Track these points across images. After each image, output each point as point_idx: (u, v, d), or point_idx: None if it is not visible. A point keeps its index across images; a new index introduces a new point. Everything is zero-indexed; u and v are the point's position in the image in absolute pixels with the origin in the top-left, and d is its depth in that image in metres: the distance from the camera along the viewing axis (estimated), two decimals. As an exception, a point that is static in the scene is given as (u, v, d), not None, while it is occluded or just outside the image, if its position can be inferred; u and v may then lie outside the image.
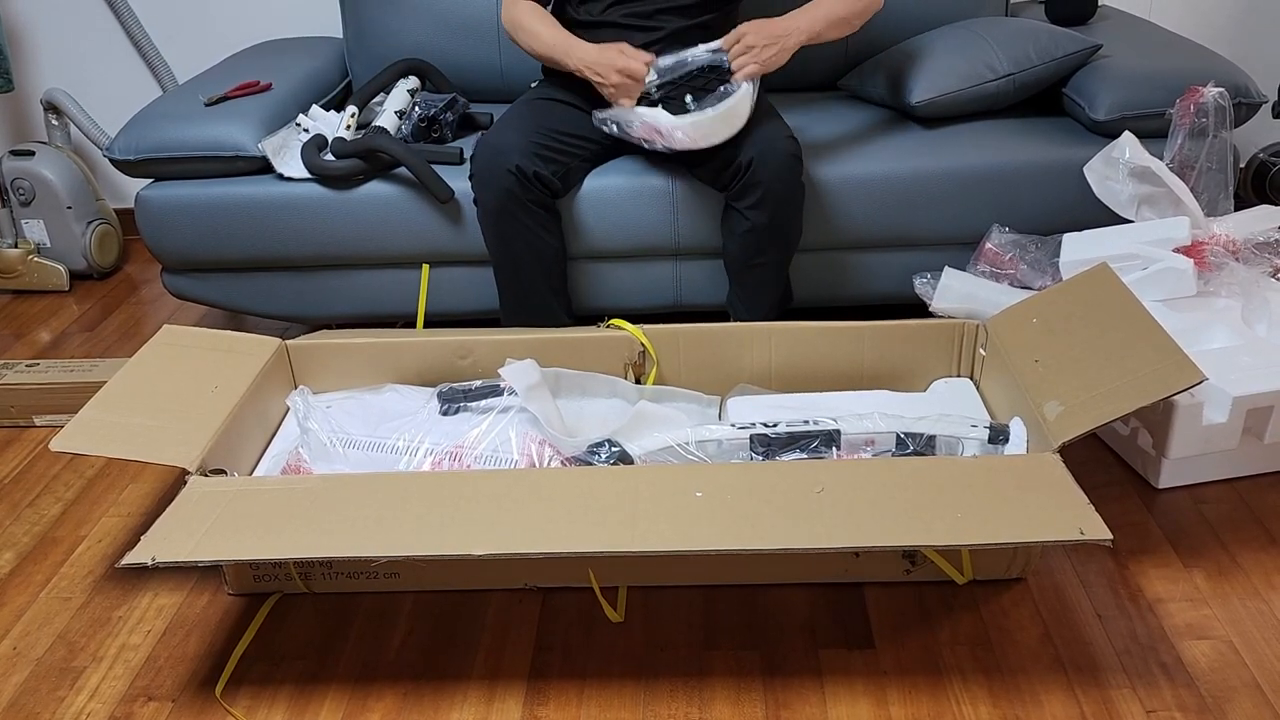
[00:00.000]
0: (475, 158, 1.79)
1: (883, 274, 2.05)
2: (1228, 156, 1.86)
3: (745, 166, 1.73)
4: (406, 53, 2.29)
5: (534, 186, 1.75)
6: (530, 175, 1.74)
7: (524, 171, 1.73)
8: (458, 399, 1.65)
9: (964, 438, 1.51)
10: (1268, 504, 1.63)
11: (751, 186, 1.74)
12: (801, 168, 1.77)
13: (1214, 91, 1.84)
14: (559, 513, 1.29)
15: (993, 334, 1.67)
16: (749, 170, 1.73)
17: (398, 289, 2.05)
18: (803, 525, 1.25)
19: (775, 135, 1.75)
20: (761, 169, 1.72)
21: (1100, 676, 1.33)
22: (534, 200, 1.76)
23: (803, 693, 1.32)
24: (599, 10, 1.88)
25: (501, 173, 1.73)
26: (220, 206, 1.96)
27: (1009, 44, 2.04)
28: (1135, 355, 1.42)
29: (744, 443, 1.52)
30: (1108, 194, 1.86)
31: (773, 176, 1.73)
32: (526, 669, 1.38)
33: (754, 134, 1.75)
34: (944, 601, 1.46)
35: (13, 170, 2.51)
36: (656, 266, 2.02)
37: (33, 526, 1.70)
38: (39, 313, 2.48)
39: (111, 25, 2.61)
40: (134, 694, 1.36)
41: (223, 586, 1.54)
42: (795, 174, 1.75)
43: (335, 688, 1.36)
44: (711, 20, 1.92)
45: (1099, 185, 1.86)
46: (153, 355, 1.62)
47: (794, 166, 1.74)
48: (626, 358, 1.75)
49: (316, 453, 1.55)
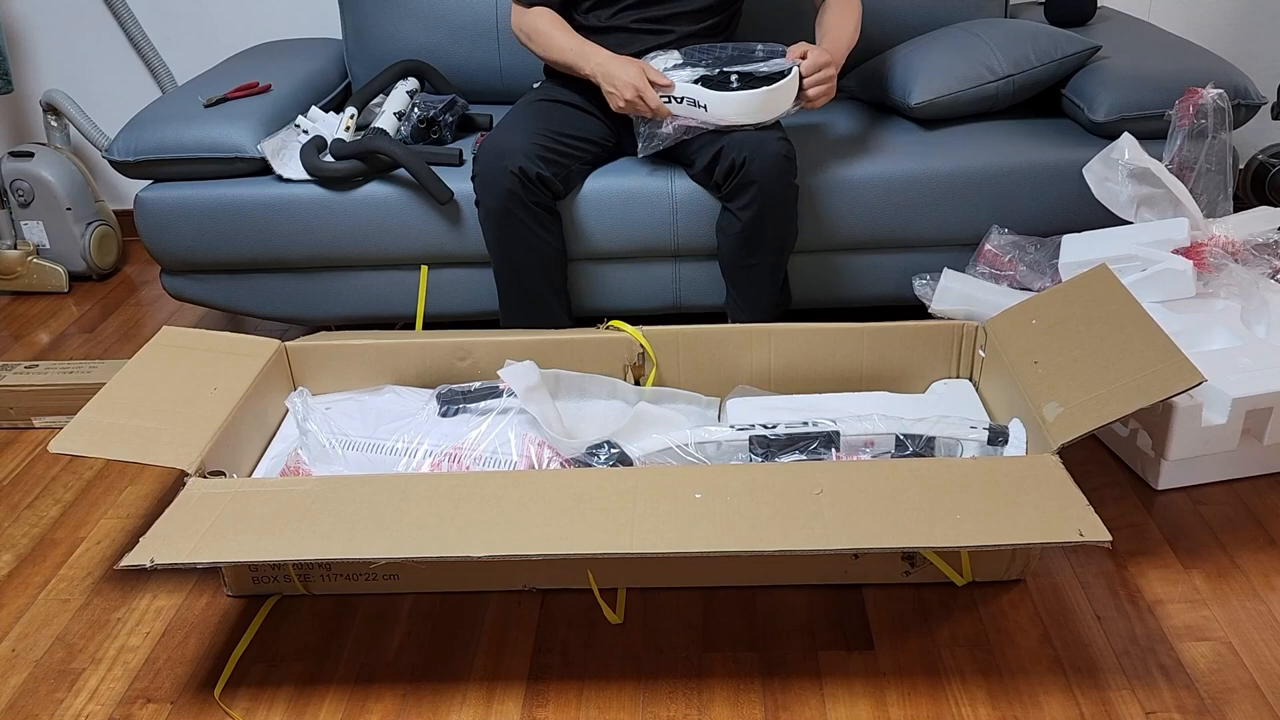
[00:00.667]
0: (478, 159, 1.79)
1: (882, 275, 2.05)
2: (1227, 158, 1.86)
3: (737, 166, 1.74)
4: (406, 54, 2.29)
5: (536, 188, 1.75)
6: (533, 177, 1.74)
7: (526, 173, 1.73)
8: (457, 400, 1.65)
9: (963, 439, 1.51)
10: (1267, 505, 1.63)
11: (744, 187, 1.75)
12: (794, 168, 1.77)
13: (1213, 93, 1.84)
14: (558, 514, 1.29)
15: (992, 335, 1.67)
16: (741, 170, 1.74)
17: (397, 290, 2.05)
18: (802, 527, 1.25)
19: (768, 136, 1.75)
20: (753, 169, 1.73)
21: (1099, 678, 1.33)
22: (536, 202, 1.76)
23: (802, 694, 1.32)
24: (608, 15, 1.89)
25: (504, 174, 1.73)
26: (219, 208, 1.96)
27: (1008, 45, 2.05)
28: (1134, 357, 1.42)
29: (743, 444, 1.52)
30: (1107, 195, 1.86)
31: (764, 176, 1.73)
32: (526, 670, 1.38)
33: (747, 134, 1.75)
34: (943, 603, 1.46)
35: (12, 171, 2.51)
36: (656, 268, 2.02)
37: (32, 528, 1.70)
38: (38, 314, 2.48)
39: (111, 26, 2.61)
40: (133, 695, 1.36)
41: (222, 588, 1.54)
42: (787, 174, 1.75)
43: (334, 689, 1.36)
44: (718, 23, 1.93)
45: (1098, 187, 1.86)
46: (152, 357, 1.62)
47: (786, 167, 1.75)
48: (626, 359, 1.75)
49: (316, 454, 1.55)
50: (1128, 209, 1.84)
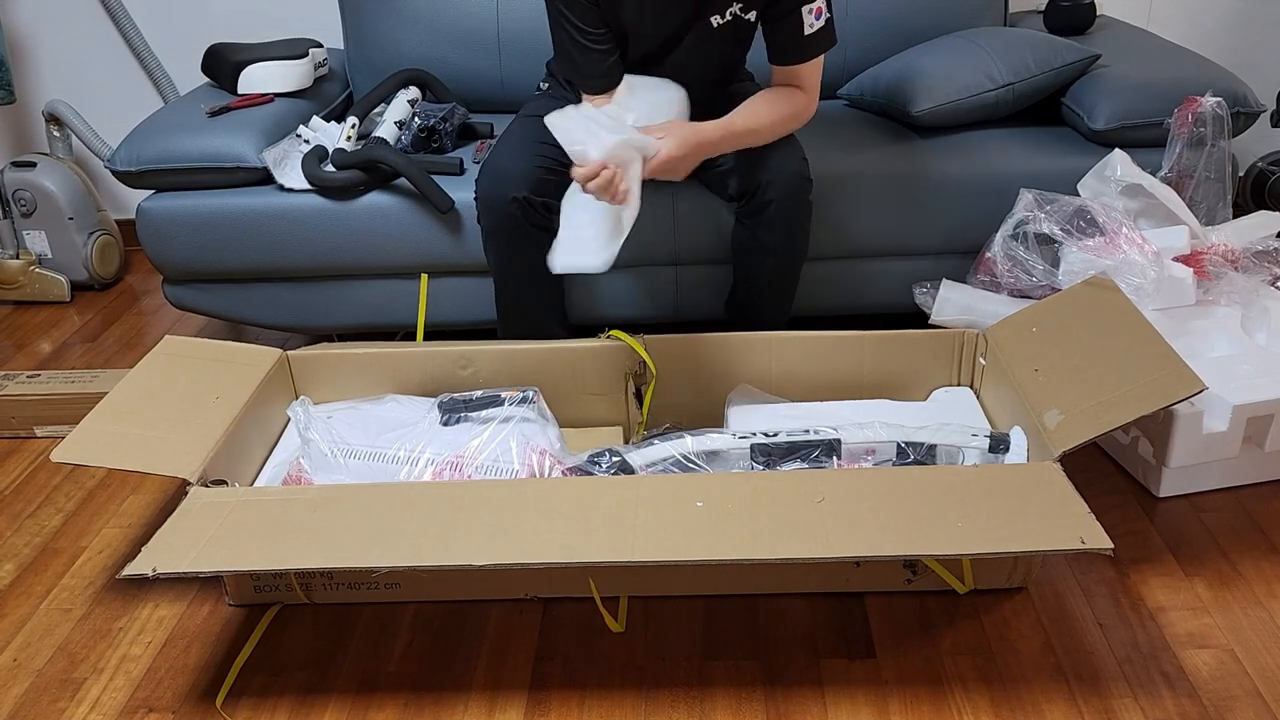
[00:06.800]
0: (480, 181, 1.79)
1: (882, 283, 2.05)
2: (1226, 166, 1.87)
3: (759, 186, 1.74)
4: (407, 63, 2.30)
5: (538, 213, 1.75)
6: (536, 205, 1.74)
7: (530, 202, 1.73)
8: (458, 409, 1.65)
9: (964, 447, 1.51)
10: (1269, 512, 1.63)
11: (763, 205, 1.75)
12: (810, 186, 1.77)
13: (1211, 101, 1.84)
14: (559, 523, 1.29)
15: (992, 343, 1.67)
16: (761, 189, 1.74)
17: (398, 299, 2.05)
18: (803, 535, 1.25)
19: (791, 156, 1.74)
20: (774, 189, 1.73)
21: (1102, 686, 1.32)
22: (536, 224, 1.76)
23: (804, 703, 1.32)
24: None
25: (506, 200, 1.74)
26: (221, 217, 1.97)
27: (1008, 54, 2.05)
28: (1135, 364, 1.42)
29: (744, 452, 1.52)
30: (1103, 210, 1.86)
31: (784, 196, 1.73)
32: (527, 679, 1.38)
33: (768, 152, 1.75)
34: (945, 611, 1.46)
35: (14, 181, 2.51)
36: (656, 276, 2.02)
37: (33, 538, 1.70)
38: (40, 324, 2.48)
39: (113, 36, 2.62)
40: (135, 705, 1.36)
41: (223, 597, 1.54)
42: (805, 195, 1.76)
43: (336, 699, 1.36)
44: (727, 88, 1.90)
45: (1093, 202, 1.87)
46: (154, 366, 1.63)
47: (804, 187, 1.75)
48: (627, 368, 1.75)
49: (317, 463, 1.55)
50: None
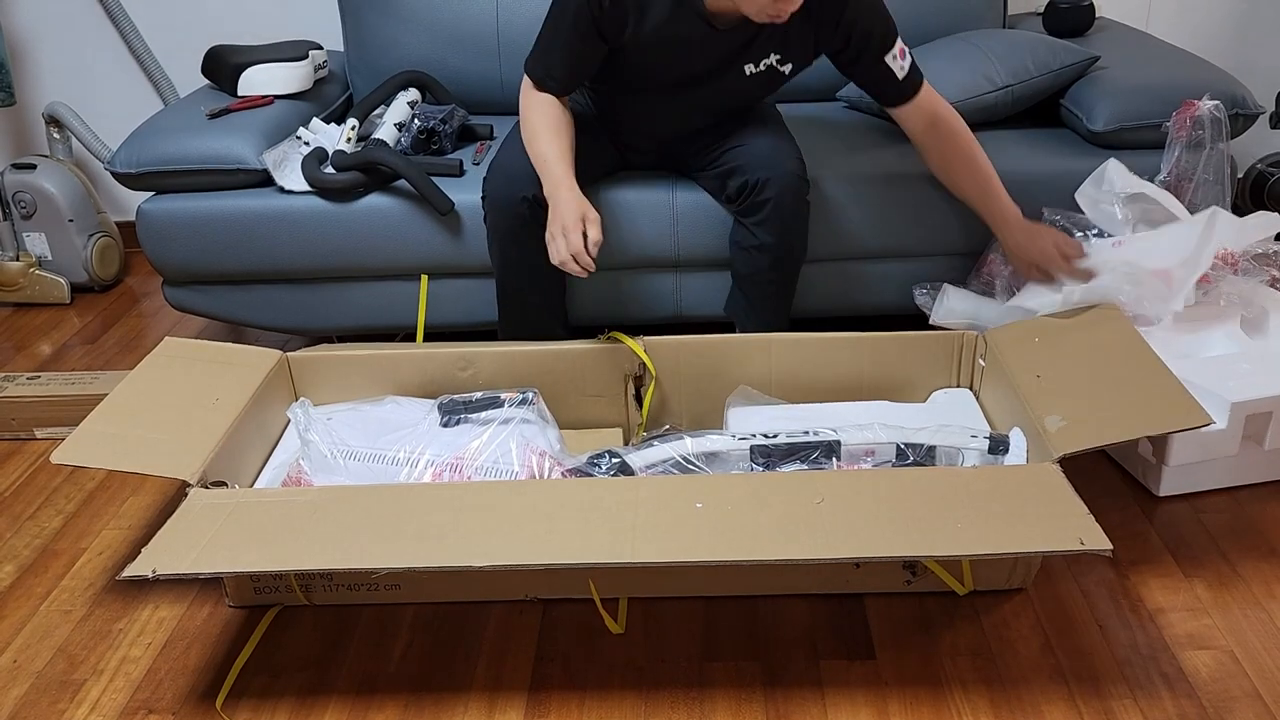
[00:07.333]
0: (489, 180, 1.79)
1: (882, 285, 2.05)
2: (1224, 168, 1.87)
3: (753, 186, 1.74)
4: (407, 65, 2.30)
5: (545, 212, 1.76)
6: (545, 205, 1.74)
7: (539, 201, 1.73)
8: (458, 410, 1.65)
9: (964, 448, 1.51)
10: (1268, 514, 1.63)
11: (758, 205, 1.75)
12: (807, 186, 1.77)
13: (1209, 104, 1.84)
14: (559, 524, 1.29)
15: (992, 345, 1.67)
16: (756, 189, 1.74)
17: (398, 301, 2.05)
18: (803, 536, 1.25)
19: (785, 155, 1.75)
20: (769, 188, 1.73)
21: (1101, 687, 1.33)
22: (543, 223, 1.77)
23: (804, 704, 1.32)
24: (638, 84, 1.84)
25: (515, 200, 1.74)
26: (221, 219, 1.97)
27: (1007, 56, 2.05)
28: (1140, 390, 1.42)
29: (744, 454, 1.52)
30: (1101, 218, 1.86)
31: (779, 195, 1.73)
32: (527, 680, 1.38)
33: (765, 152, 1.75)
34: (945, 612, 1.46)
35: (14, 183, 2.51)
36: (657, 278, 2.02)
37: (33, 539, 1.70)
38: (40, 325, 2.48)
39: (113, 39, 2.62)
40: (135, 707, 1.36)
41: (223, 599, 1.54)
42: (801, 194, 1.76)
43: (336, 700, 1.36)
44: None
45: (1091, 209, 1.87)
46: (154, 368, 1.63)
47: (800, 187, 1.75)
48: (627, 369, 1.75)
49: (317, 464, 1.56)
50: (1124, 229, 1.84)
